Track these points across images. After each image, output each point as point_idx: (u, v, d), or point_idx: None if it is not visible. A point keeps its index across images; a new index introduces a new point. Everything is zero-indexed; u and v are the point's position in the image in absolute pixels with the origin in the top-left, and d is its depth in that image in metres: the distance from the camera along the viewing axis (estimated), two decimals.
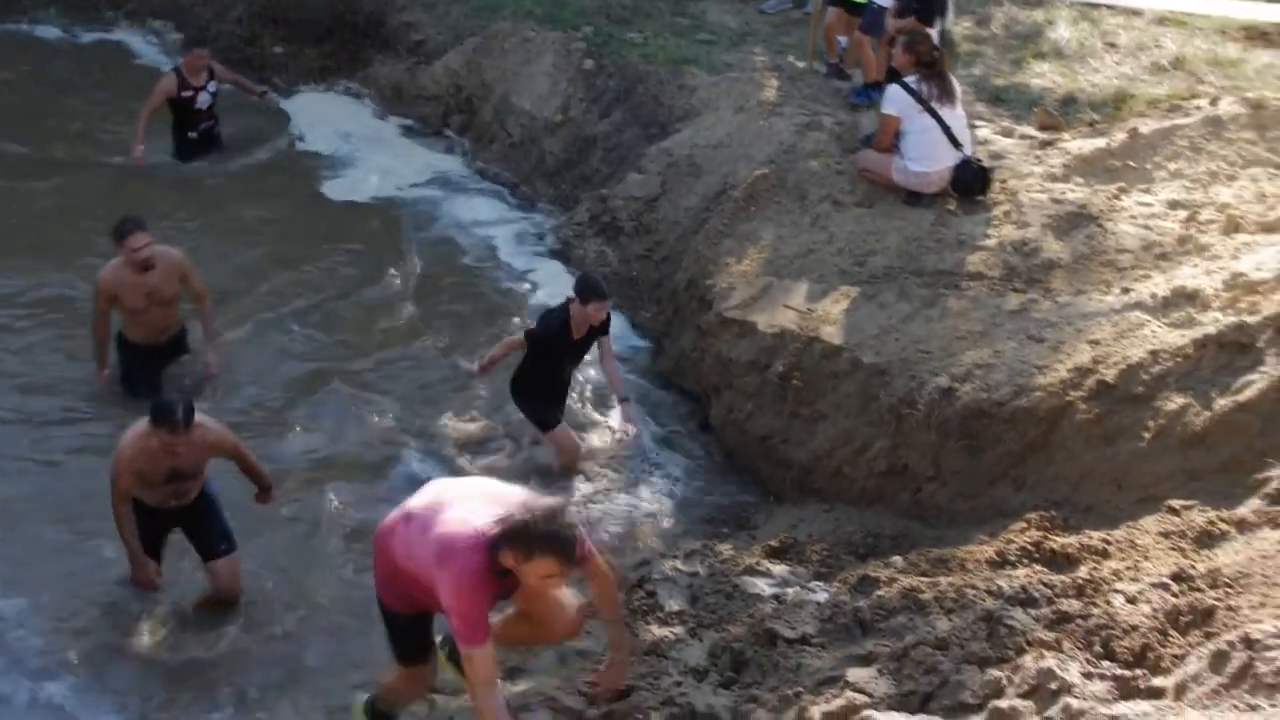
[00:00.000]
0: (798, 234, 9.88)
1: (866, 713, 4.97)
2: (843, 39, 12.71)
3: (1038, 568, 6.46)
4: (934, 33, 10.62)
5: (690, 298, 10.17)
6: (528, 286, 11.60)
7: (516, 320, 10.66)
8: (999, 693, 5.01)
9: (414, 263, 11.85)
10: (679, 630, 6.79)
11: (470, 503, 5.45)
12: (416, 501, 5.70)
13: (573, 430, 9.28)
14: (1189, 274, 8.18)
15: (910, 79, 9.97)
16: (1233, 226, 8.75)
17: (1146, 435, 7.02)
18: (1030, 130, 11.33)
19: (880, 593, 6.59)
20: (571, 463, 9.10)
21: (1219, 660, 4.58)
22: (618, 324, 9.95)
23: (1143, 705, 4.26)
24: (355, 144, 14.34)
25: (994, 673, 5.16)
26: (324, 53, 15.83)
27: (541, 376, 9.03)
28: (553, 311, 8.95)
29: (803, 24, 13.86)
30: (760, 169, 10.57)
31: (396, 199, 13.24)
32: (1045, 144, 10.90)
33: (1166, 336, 7.41)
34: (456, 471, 8.66)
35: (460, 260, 12.19)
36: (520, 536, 5.11)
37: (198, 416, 7.19)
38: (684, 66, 13.09)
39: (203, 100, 13.13)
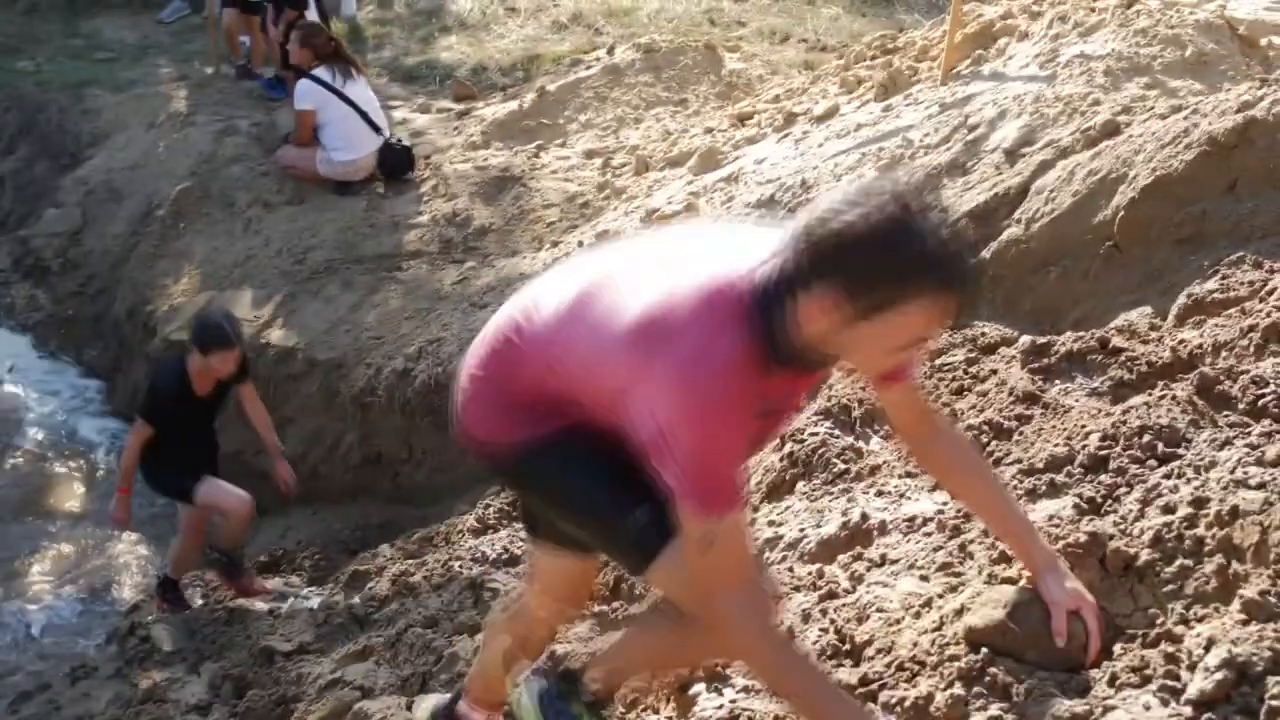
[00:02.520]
0: (232, 243, 9.65)
1: (358, 706, 4.93)
2: (245, 38, 12.47)
3: (518, 526, 6.60)
4: (310, 15, 10.65)
5: (134, 327, 9.73)
6: None
7: None
8: None
9: None
10: (178, 670, 6.52)
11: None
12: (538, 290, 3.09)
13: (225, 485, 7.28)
14: (611, 218, 8.57)
15: (318, 71, 9.90)
16: (643, 166, 9.23)
17: None
18: (447, 103, 11.54)
19: (372, 585, 6.56)
20: (241, 523, 7.23)
21: None
22: (62, 370, 9.40)
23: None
24: None
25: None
26: None
27: (171, 445, 7.15)
28: (164, 368, 7.25)
29: (204, 30, 13.50)
30: (183, 183, 10.25)
31: None
32: (462, 114, 11.12)
33: None
34: None
35: None
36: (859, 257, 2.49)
37: None
38: (85, 89, 12.50)
39: None
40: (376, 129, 9.94)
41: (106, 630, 7.22)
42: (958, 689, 2.97)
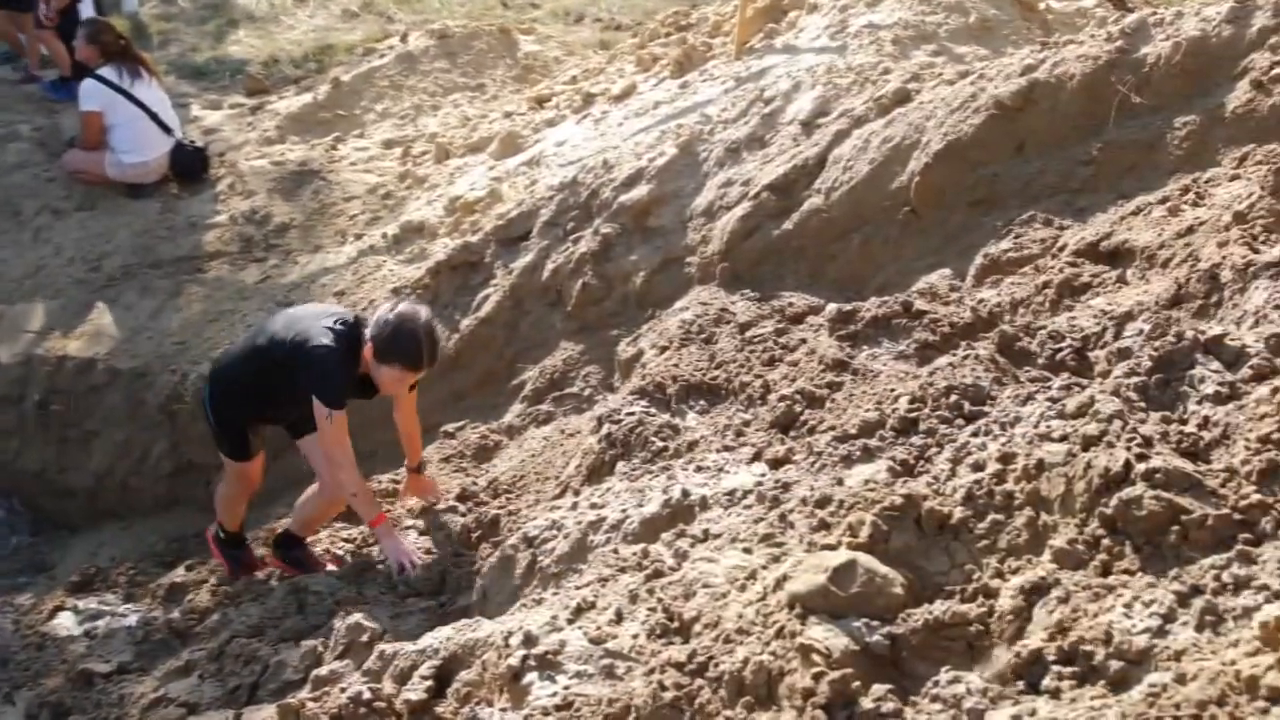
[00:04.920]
0: (21, 253, 9.26)
1: None
2: (25, 37, 11.97)
3: (338, 525, 6.52)
4: (86, 9, 10.31)
5: None
6: None
7: None
8: (319, 660, 5.00)
9: None
10: None
11: None
12: None
13: None
14: (414, 208, 8.48)
15: (104, 70, 9.56)
16: (444, 154, 9.15)
17: None
18: (239, 99, 11.25)
19: (191, 597, 6.40)
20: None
21: (506, 564, 4.80)
22: None
23: (445, 630, 4.38)
24: None
25: (309, 643, 5.15)
26: None
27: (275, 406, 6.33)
28: (334, 350, 5.69)
29: None
30: None
31: None
32: (256, 109, 10.87)
33: (404, 272, 7.65)
34: None
35: None
36: None
37: None
38: None
39: None
40: (167, 130, 9.65)
41: None
42: (776, 654, 3.01)
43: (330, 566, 6.15)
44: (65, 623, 6.83)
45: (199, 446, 7.81)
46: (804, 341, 5.21)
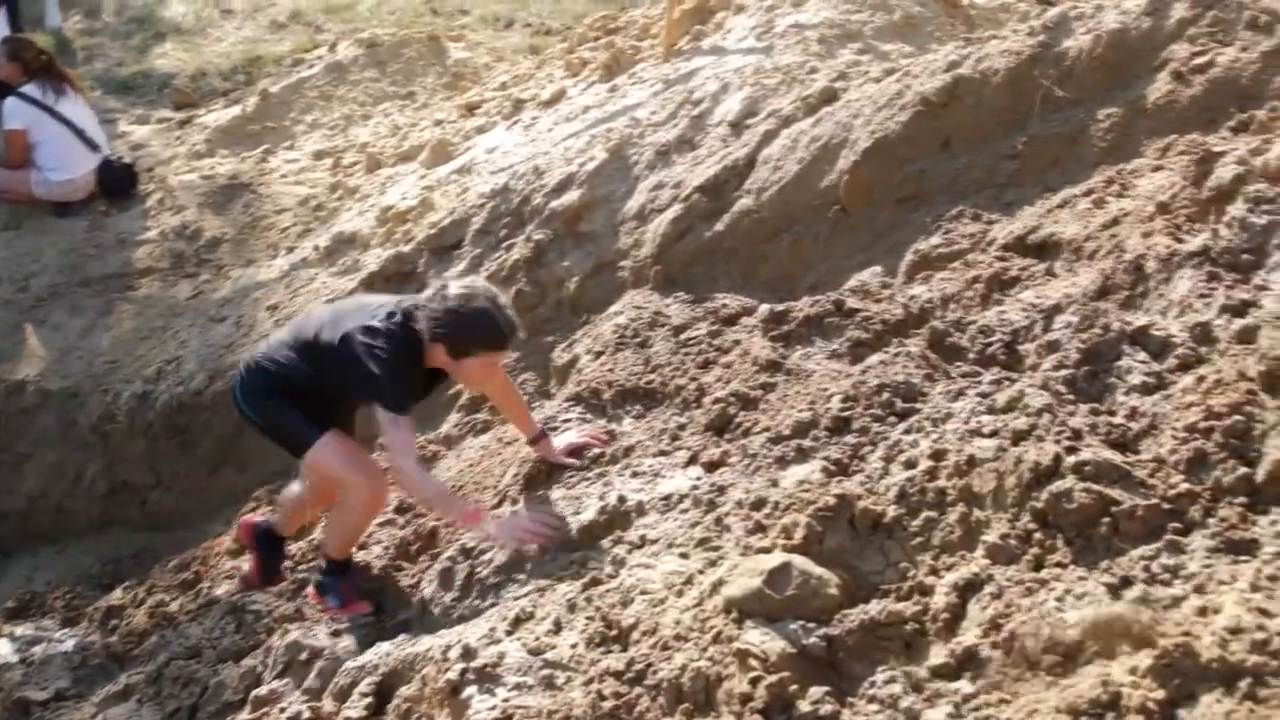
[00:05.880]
0: None
1: None
2: None
3: None
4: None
5: None
6: None
7: None
8: (258, 680, 4.95)
9: None
10: None
11: None
12: None
13: None
14: (345, 219, 8.41)
15: (28, 88, 9.43)
16: (375, 164, 9.09)
17: None
18: (167, 113, 11.15)
19: (128, 620, 6.32)
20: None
21: (445, 576, 4.78)
22: None
23: (384, 646, 4.35)
24: None
25: (249, 662, 5.10)
26: None
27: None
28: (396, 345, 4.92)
29: None
30: None
31: None
32: (184, 123, 10.77)
33: (336, 284, 7.59)
34: None
35: None
36: None
37: None
38: None
39: None
40: (94, 146, 9.53)
41: None
42: (714, 659, 3.01)
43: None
44: (1, 650, 6.73)
45: (133, 466, 7.74)
46: (738, 343, 5.20)
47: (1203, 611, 2.55)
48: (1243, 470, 2.95)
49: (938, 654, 2.86)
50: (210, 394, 7.44)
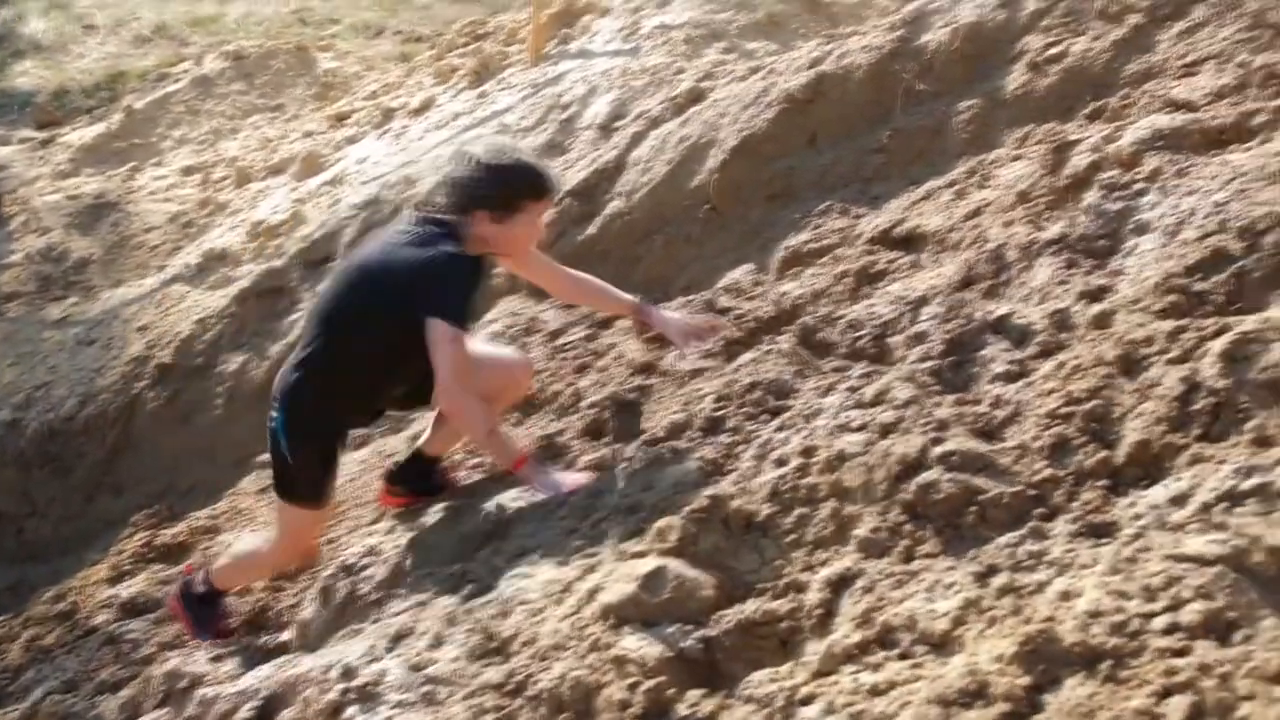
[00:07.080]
0: None
1: None
2: None
3: (155, 567, 6.31)
4: None
5: None
6: None
7: None
8: (138, 711, 4.86)
9: None
10: None
11: None
12: None
13: None
14: (216, 235, 8.30)
15: None
16: (245, 178, 8.97)
17: (220, 402, 7.06)
18: (29, 132, 10.91)
19: (3, 656, 6.16)
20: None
21: (325, 594, 4.71)
22: None
23: (264, 669, 4.28)
24: None
25: (127, 693, 4.99)
26: None
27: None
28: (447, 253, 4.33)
29: None
30: None
31: None
32: (47, 142, 10.55)
33: (209, 301, 7.48)
34: None
35: None
36: None
37: None
38: None
39: None
40: None
41: None
42: (593, 667, 3.00)
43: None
44: None
45: (6, 495, 7.56)
46: (613, 346, 5.21)
47: (1065, 596, 2.58)
48: (1103, 453, 3.01)
49: (813, 651, 2.88)
50: (83, 419, 7.29)
